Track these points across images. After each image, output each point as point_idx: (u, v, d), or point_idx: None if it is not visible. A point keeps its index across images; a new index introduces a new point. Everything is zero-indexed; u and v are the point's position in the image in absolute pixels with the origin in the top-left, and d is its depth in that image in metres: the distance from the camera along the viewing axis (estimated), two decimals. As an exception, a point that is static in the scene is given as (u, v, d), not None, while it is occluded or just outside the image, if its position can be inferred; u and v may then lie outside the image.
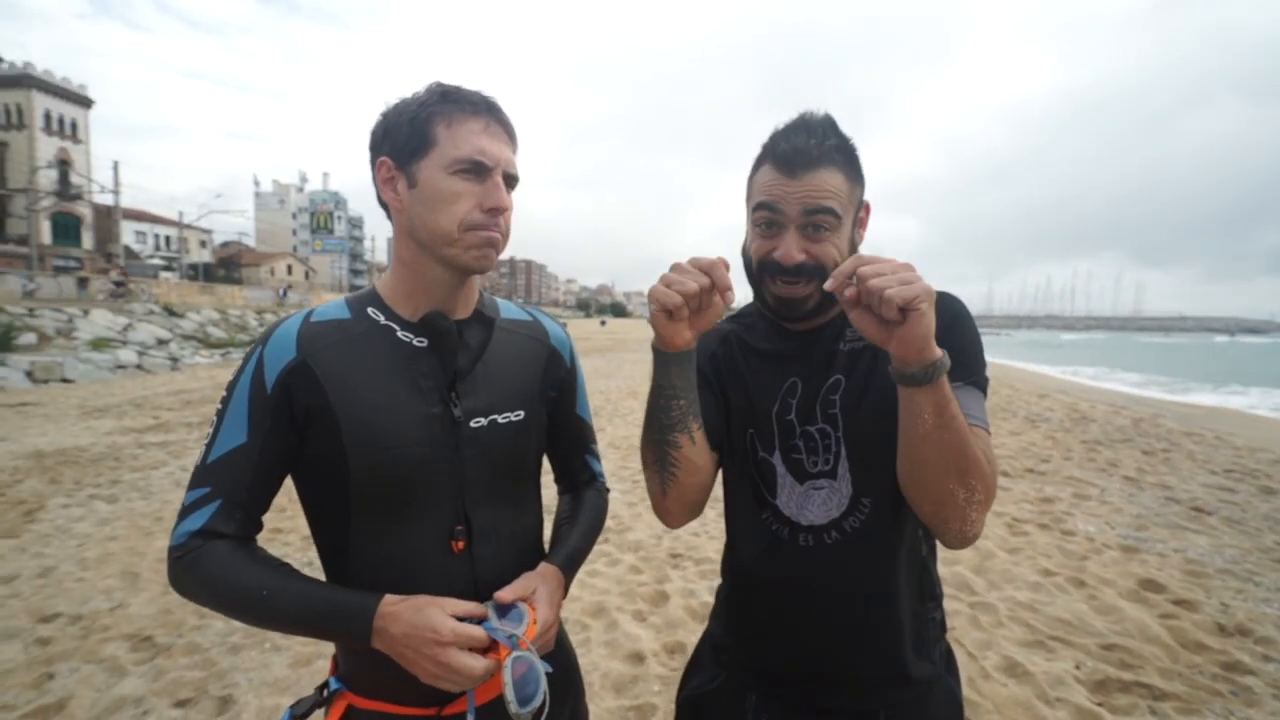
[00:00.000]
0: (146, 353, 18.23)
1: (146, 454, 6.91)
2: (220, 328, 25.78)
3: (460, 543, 0.95)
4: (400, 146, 0.92)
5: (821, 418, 1.03)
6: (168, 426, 8.58)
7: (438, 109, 0.91)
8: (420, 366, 0.95)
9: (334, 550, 0.96)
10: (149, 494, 5.43)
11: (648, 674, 2.78)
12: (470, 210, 0.91)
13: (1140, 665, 2.83)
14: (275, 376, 0.90)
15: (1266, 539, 4.46)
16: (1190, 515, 4.99)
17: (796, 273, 0.98)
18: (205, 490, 0.89)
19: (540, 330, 1.12)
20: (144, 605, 3.38)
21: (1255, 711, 2.52)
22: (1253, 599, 3.52)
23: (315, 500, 0.97)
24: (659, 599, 3.50)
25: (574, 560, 1.07)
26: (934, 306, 0.81)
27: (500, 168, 0.92)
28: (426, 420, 0.93)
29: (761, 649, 1.09)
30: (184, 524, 0.89)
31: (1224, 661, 2.88)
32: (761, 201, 0.99)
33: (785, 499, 1.04)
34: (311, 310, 0.97)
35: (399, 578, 0.91)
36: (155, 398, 11.47)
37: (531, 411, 1.04)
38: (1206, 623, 3.24)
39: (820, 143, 0.96)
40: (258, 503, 0.93)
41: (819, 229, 0.97)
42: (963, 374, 0.95)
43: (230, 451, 0.90)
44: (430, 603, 0.85)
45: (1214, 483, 6.02)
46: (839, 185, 0.97)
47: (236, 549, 0.89)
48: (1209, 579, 3.77)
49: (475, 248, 0.92)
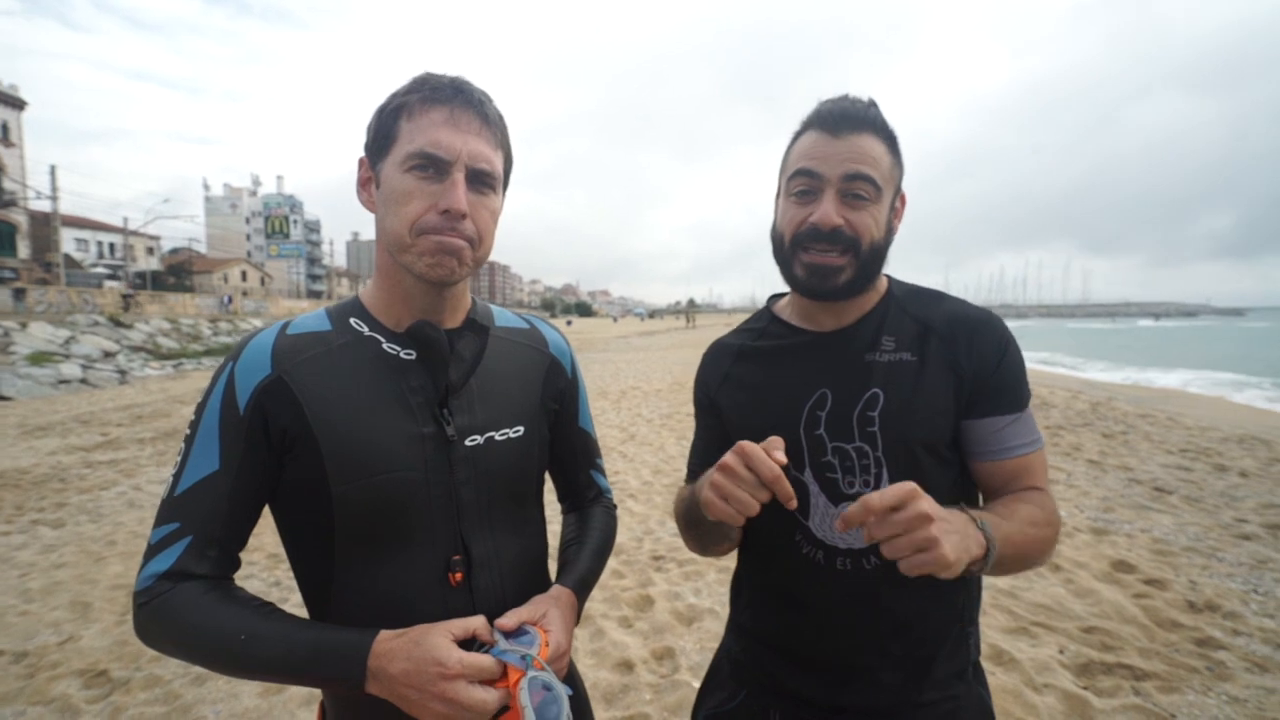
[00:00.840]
0: (92, 366, 17.40)
1: (95, 474, 6.55)
2: (171, 338, 24.77)
3: (458, 574, 0.87)
4: (372, 144, 0.85)
5: (859, 435, 0.96)
6: (118, 444, 8.17)
7: (403, 100, 0.83)
8: (409, 381, 0.87)
9: (318, 587, 0.87)
10: (99, 516, 5.15)
11: (638, 682, 2.71)
12: (423, 212, 0.82)
13: (1120, 646, 2.88)
14: (248, 395, 0.82)
15: (1224, 515, 4.62)
16: (1153, 495, 5.15)
17: (833, 238, 0.93)
18: (174, 526, 0.80)
19: (539, 338, 1.04)
20: (97, 637, 3.18)
21: (1231, 685, 2.59)
22: (1218, 575, 3.63)
23: (295, 532, 0.88)
24: (644, 604, 3.44)
25: (586, 583, 0.99)
26: (958, 559, 0.75)
27: (461, 162, 0.82)
28: (417, 440, 0.85)
29: (787, 669, 1.03)
30: (150, 565, 0.80)
31: (1197, 638, 2.96)
32: (800, 168, 0.95)
33: (819, 521, 0.98)
34: (288, 321, 0.88)
35: (392, 615, 0.82)
36: (103, 413, 10.93)
37: (532, 427, 0.96)
38: (1178, 600, 3.32)
39: (866, 108, 0.95)
40: (234, 537, 0.83)
41: (858, 197, 0.93)
42: (1018, 404, 0.96)
43: (201, 481, 0.81)
44: (428, 631, 0.77)
45: (1171, 462, 6.24)
46: (881, 155, 0.94)
47: (210, 590, 0.80)
48: (1176, 557, 3.88)
49: (428, 254, 0.83)
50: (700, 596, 3.45)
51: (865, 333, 1.00)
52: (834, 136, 0.93)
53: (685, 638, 3.05)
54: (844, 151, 0.92)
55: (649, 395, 11.29)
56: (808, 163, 0.94)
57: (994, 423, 0.96)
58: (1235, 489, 5.30)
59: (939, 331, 0.98)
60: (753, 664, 1.07)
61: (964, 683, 1.00)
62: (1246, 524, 4.43)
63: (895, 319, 1.01)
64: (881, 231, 0.96)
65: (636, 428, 8.21)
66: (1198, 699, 2.51)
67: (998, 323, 0.99)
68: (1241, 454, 6.55)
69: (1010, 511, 0.89)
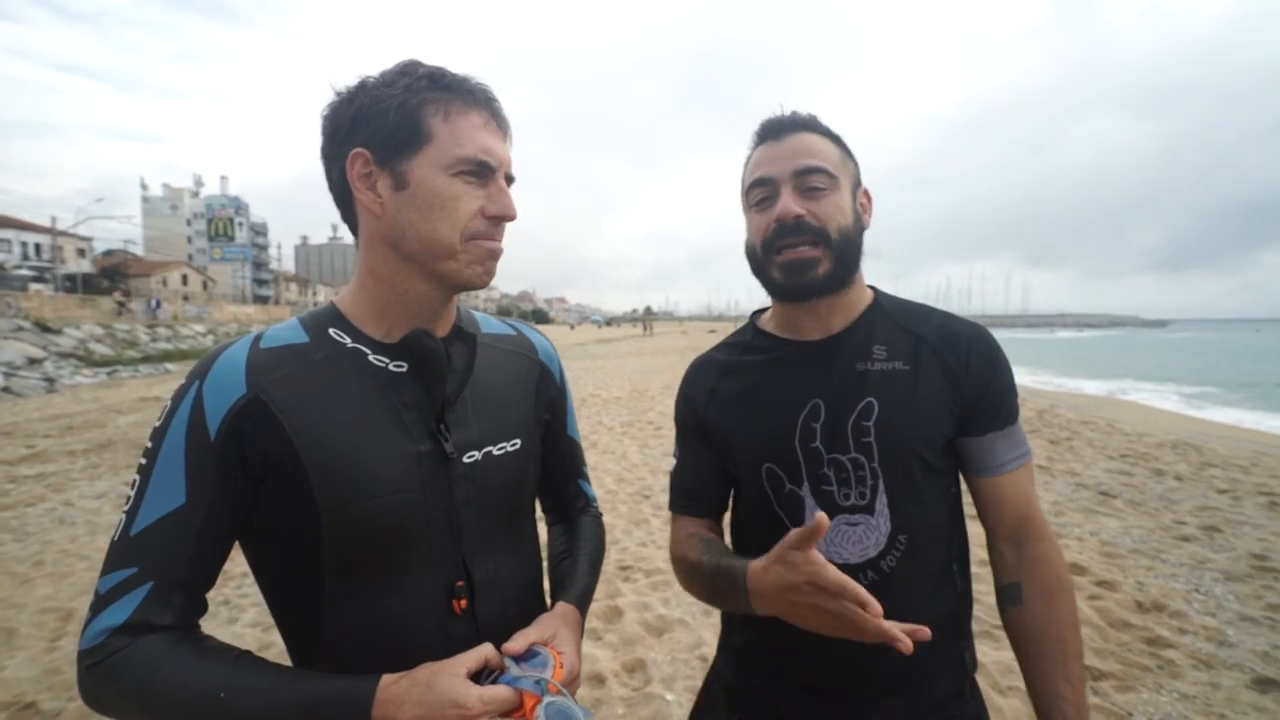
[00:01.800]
0: (15, 374, 16.33)
1: (20, 489, 6.10)
2: (105, 344, 23.46)
3: (463, 600, 0.81)
4: (384, 138, 0.77)
5: (854, 446, 0.94)
6: (45, 456, 7.65)
7: (430, 96, 0.78)
8: (401, 396, 0.81)
9: (304, 628, 0.80)
10: (25, 535, 4.79)
11: (610, 696, 2.66)
12: (473, 217, 0.79)
13: (1077, 647, 2.97)
14: (220, 419, 0.73)
15: (1165, 518, 4.85)
16: (1098, 499, 5.36)
17: (798, 229, 0.93)
18: (130, 571, 0.70)
19: (527, 345, 1.00)
20: (23, 666, 2.94)
21: (1180, 683, 2.69)
22: (1162, 575, 3.80)
23: (276, 568, 0.80)
24: (613, 615, 3.38)
25: (586, 597, 0.95)
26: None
27: (504, 169, 0.82)
28: (414, 460, 0.79)
29: (781, 692, 1.00)
30: (100, 619, 0.69)
31: (1147, 637, 3.07)
32: (755, 179, 0.98)
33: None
34: (260, 334, 0.80)
35: (391, 654, 0.75)
36: (28, 424, 10.23)
37: (528, 439, 0.92)
38: (1127, 601, 3.45)
39: (800, 114, 0.99)
40: (201, 579, 0.75)
41: (814, 188, 0.94)
42: (1008, 418, 0.97)
43: (163, 518, 0.72)
44: (438, 671, 0.71)
45: (1114, 467, 6.52)
46: (827, 149, 0.97)
47: (177, 643, 0.70)
48: (1123, 559, 4.04)
49: (478, 261, 0.80)
50: (670, 607, 3.42)
51: (855, 341, 0.99)
52: (778, 141, 0.97)
53: (656, 649, 3.01)
54: (789, 150, 0.96)
55: (609, 403, 11.23)
56: (759, 171, 0.98)
57: (989, 440, 0.96)
58: (1173, 492, 5.57)
59: (930, 343, 0.98)
60: (745, 687, 1.04)
61: (961, 700, 0.99)
62: (1185, 526, 4.65)
63: (885, 329, 1.00)
64: (849, 219, 0.96)
65: (598, 436, 8.14)
66: (1151, 697, 2.61)
67: (988, 337, 1.00)
68: (1175, 459, 6.90)
69: (1064, 663, 0.91)
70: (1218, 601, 3.44)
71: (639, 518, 4.90)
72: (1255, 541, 4.31)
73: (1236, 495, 5.45)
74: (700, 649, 2.97)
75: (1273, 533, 4.49)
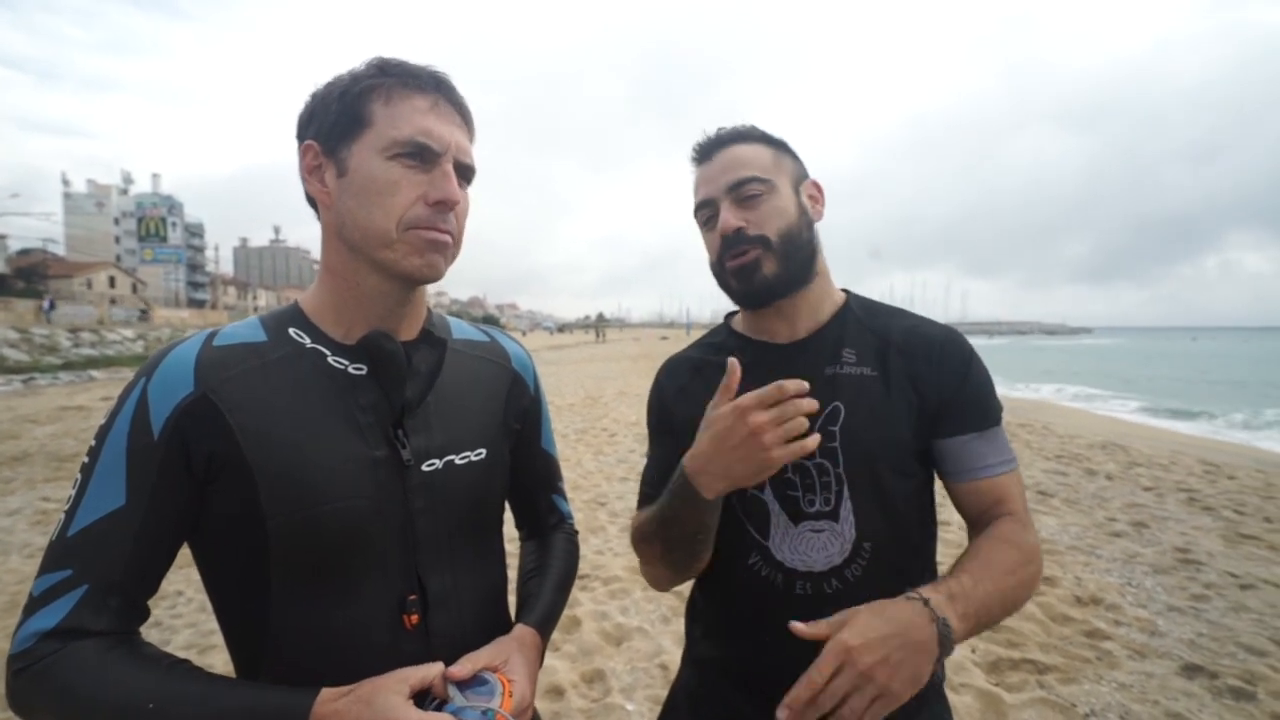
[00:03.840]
0: (-83, 382, 15.11)
1: (-79, 506, 5.64)
2: (21, 349, 21.95)
3: (414, 615, 0.77)
4: (328, 128, 0.76)
5: (820, 451, 0.93)
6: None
7: (374, 83, 0.76)
8: (359, 399, 0.77)
9: (247, 637, 0.75)
10: (-74, 556, 4.41)
11: (569, 709, 2.60)
12: (412, 204, 0.75)
13: (1023, 643, 3.07)
14: (165, 417, 0.70)
15: (1098, 515, 5.10)
16: (1037, 498, 5.59)
17: (738, 240, 0.96)
18: (64, 574, 0.68)
19: (500, 352, 0.96)
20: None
21: (1118, 673, 2.82)
22: (1098, 570, 3.98)
23: (221, 572, 0.76)
24: (570, 625, 3.32)
25: (550, 620, 0.91)
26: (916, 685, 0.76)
27: (450, 153, 0.77)
28: (368, 465, 0.76)
29: (749, 701, 0.98)
30: (32, 622, 0.67)
31: (1086, 630, 3.21)
32: (698, 202, 1.02)
33: (778, 541, 0.94)
34: (214, 331, 0.77)
35: (337, 666, 0.71)
36: (-69, 436, 9.47)
37: (494, 449, 0.88)
38: (1067, 596, 3.60)
39: (733, 129, 1.02)
40: (141, 584, 0.71)
41: (750, 197, 0.97)
42: (986, 420, 0.95)
43: (101, 519, 0.69)
44: (379, 687, 0.67)
45: (1050, 468, 6.83)
46: (757, 154, 0.99)
47: (110, 649, 0.67)
48: (1062, 555, 4.22)
49: (418, 252, 0.76)
50: (628, 615, 3.39)
51: (824, 345, 0.99)
52: (708, 161, 1.01)
53: (615, 658, 2.97)
54: (719, 168, 0.99)
55: (562, 410, 11.13)
56: (700, 194, 1.02)
57: (964, 441, 0.95)
58: (1104, 490, 5.86)
59: (897, 345, 0.98)
60: (712, 698, 1.02)
61: (926, 707, 0.98)
62: (1116, 522, 4.90)
63: (854, 332, 1.00)
64: (791, 217, 0.98)
65: (554, 443, 8.06)
66: (1092, 687, 2.71)
67: (959, 339, 1.00)
68: (1105, 459, 7.28)
69: (985, 565, 0.85)
70: (1148, 594, 3.63)
71: (595, 525, 4.86)
72: (1178, 535, 4.58)
73: (1160, 492, 5.78)
74: (660, 657, 2.94)
75: (1193, 527, 4.78)
